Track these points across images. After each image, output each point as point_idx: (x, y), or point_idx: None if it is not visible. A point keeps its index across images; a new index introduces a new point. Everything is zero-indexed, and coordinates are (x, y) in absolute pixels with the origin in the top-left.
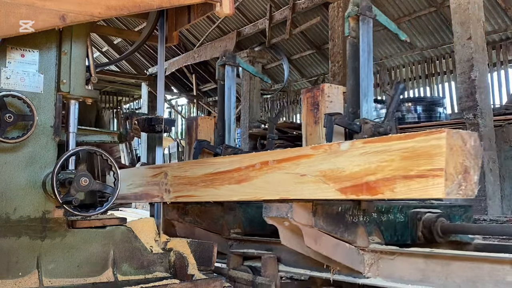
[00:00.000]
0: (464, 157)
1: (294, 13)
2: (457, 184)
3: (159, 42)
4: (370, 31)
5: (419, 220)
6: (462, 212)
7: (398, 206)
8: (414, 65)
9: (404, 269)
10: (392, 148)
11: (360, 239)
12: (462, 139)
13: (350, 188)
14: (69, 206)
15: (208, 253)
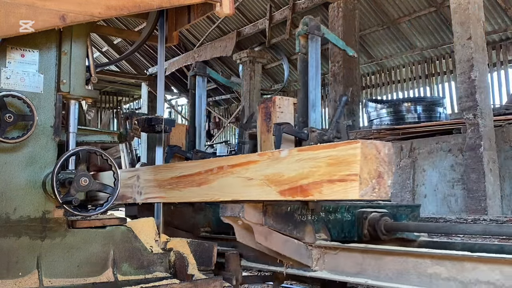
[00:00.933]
0: (378, 164)
1: (294, 13)
2: (371, 187)
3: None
4: (318, 48)
5: (365, 219)
6: (409, 212)
7: (345, 206)
8: (414, 65)
9: (345, 262)
10: (319, 156)
11: (308, 236)
12: (376, 149)
13: (288, 191)
14: (69, 206)
15: (208, 253)
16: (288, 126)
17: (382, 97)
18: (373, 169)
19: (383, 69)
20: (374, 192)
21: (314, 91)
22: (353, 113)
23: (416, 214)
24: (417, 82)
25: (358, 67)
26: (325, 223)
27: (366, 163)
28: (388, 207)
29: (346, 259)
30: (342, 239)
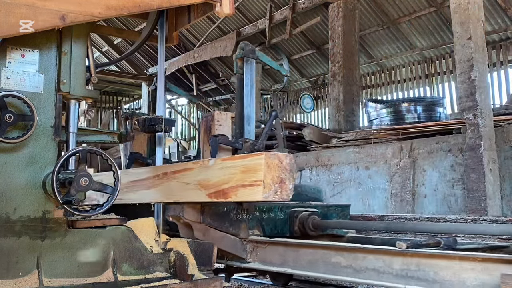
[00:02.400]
0: (280, 172)
1: (294, 13)
2: (273, 191)
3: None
4: (253, 69)
5: (296, 218)
6: (339, 211)
7: (278, 206)
8: (414, 65)
9: (272, 255)
10: (236, 165)
11: (242, 232)
12: (278, 159)
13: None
14: (69, 206)
15: (208, 253)
16: (223, 138)
17: (382, 97)
18: (275, 176)
19: (383, 69)
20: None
21: (249, 107)
22: (353, 113)
23: (346, 213)
24: (417, 82)
25: (358, 67)
26: (259, 221)
27: (269, 171)
28: (319, 207)
29: (272, 252)
30: (275, 235)
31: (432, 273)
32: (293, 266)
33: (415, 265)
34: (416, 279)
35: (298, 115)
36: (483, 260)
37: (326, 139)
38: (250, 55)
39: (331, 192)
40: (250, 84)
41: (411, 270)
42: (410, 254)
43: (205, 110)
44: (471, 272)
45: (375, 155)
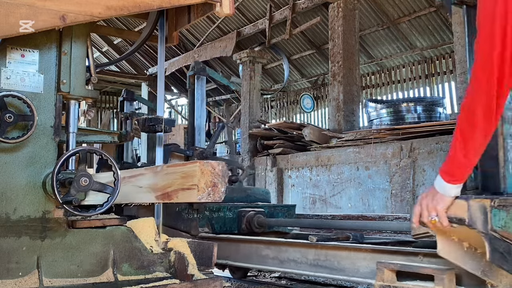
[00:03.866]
0: (213, 177)
1: (294, 13)
2: (207, 193)
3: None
4: (203, 85)
5: (243, 216)
6: (286, 211)
7: (227, 206)
8: (414, 65)
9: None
10: (177, 171)
11: (193, 230)
12: (212, 166)
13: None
14: (69, 206)
15: (208, 253)
16: (175, 146)
17: (382, 97)
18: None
19: (383, 69)
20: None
21: (200, 118)
22: (353, 113)
23: (292, 212)
24: (417, 82)
25: (358, 67)
26: (209, 220)
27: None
28: (266, 207)
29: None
30: (224, 232)
31: (336, 263)
32: (233, 259)
33: (323, 256)
34: (325, 267)
35: (298, 115)
36: (371, 251)
37: (326, 139)
38: (201, 73)
39: (331, 192)
40: (200, 98)
41: (321, 260)
42: (320, 247)
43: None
44: (363, 261)
45: (375, 155)
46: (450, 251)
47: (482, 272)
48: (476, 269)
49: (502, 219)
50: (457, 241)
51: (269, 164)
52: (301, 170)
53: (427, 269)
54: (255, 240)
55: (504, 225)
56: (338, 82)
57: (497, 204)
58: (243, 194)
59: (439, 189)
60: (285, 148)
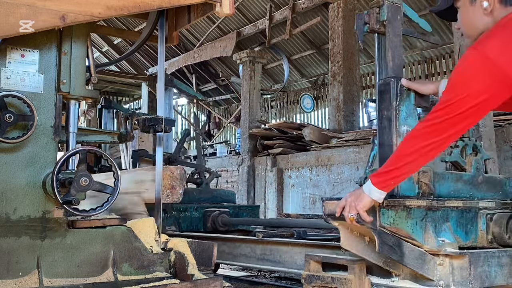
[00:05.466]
0: (171, 180)
1: (294, 13)
2: (166, 195)
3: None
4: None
5: (209, 216)
6: (250, 211)
7: (194, 207)
8: (414, 65)
9: None
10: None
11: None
12: (170, 171)
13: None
14: (69, 206)
15: (208, 253)
16: (143, 151)
17: None
18: (167, 183)
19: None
20: (168, 197)
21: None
22: (353, 113)
23: (256, 212)
24: None
25: (358, 67)
26: (177, 219)
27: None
28: (231, 207)
29: None
30: (191, 230)
31: (278, 256)
32: None
33: (269, 250)
34: (270, 261)
35: (298, 115)
36: (305, 246)
37: (326, 139)
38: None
39: (331, 192)
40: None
41: (267, 254)
42: (265, 242)
43: (205, 110)
44: (300, 254)
45: None
46: (353, 244)
47: (384, 263)
48: (378, 260)
49: (390, 217)
50: (358, 235)
51: (269, 164)
52: (301, 170)
53: (342, 260)
54: (214, 237)
55: (392, 222)
56: (338, 82)
57: (385, 204)
58: (209, 195)
59: (365, 189)
60: (285, 148)
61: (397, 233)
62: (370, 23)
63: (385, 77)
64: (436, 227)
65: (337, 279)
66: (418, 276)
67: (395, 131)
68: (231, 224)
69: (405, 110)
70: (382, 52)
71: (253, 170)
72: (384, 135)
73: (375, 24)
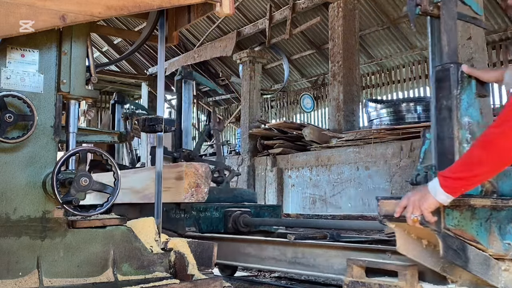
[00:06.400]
0: (196, 178)
1: (294, 13)
2: (190, 194)
3: (159, 42)
4: (190, 89)
5: (230, 216)
6: (271, 211)
7: (214, 206)
8: (414, 65)
9: None
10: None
11: (180, 229)
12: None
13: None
14: (69, 206)
15: (208, 253)
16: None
17: (382, 97)
18: (192, 181)
19: (383, 69)
20: (193, 197)
21: (187, 121)
22: (353, 113)
23: (277, 212)
24: (417, 82)
25: (358, 67)
26: (196, 219)
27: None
28: (252, 207)
29: None
30: (211, 231)
31: (312, 260)
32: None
33: (301, 253)
34: (302, 264)
35: (298, 115)
36: (344, 249)
37: (326, 139)
38: (188, 77)
39: (331, 192)
40: (188, 102)
41: (298, 258)
42: (297, 245)
43: (205, 110)
44: (337, 258)
45: (375, 155)
46: (409, 248)
47: (441, 268)
48: (435, 265)
49: (455, 218)
50: (416, 238)
51: (269, 164)
52: (301, 170)
53: (391, 265)
54: (239, 238)
55: (457, 223)
56: (338, 82)
57: (450, 204)
58: (229, 195)
59: (431, 189)
60: (285, 148)
61: (461, 235)
62: (422, 4)
63: (443, 63)
64: (501, 229)
65: (385, 286)
66: (479, 283)
67: (456, 122)
68: (254, 225)
69: (466, 99)
70: (436, 37)
71: (253, 170)
72: (443, 127)
73: (428, 5)
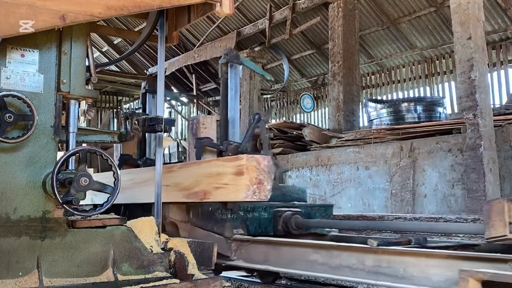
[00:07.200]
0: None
1: (294, 13)
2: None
3: (159, 42)
4: (237, 74)
5: (279, 217)
6: (323, 211)
7: (262, 206)
8: (414, 65)
9: (255, 253)
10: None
11: (227, 231)
12: (257, 161)
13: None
14: (69, 206)
15: (208, 253)
16: (208, 140)
17: (382, 97)
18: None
19: (383, 69)
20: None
21: (233, 110)
22: (353, 113)
23: (329, 213)
24: (417, 82)
25: (358, 67)
26: (244, 220)
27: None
28: (303, 207)
29: (255, 249)
30: (259, 233)
31: (402, 270)
32: (274, 264)
33: (385, 262)
34: (387, 275)
35: (298, 115)
36: (446, 257)
37: (326, 139)
38: (234, 61)
39: (331, 192)
40: (234, 88)
41: (382, 267)
42: (381, 252)
43: (205, 110)
44: (436, 268)
45: (375, 155)
46: None
47: None
48: None
49: None
50: None
51: None
52: (301, 170)
53: None
54: (301, 243)
55: None
56: (338, 82)
57: None
58: (278, 193)
59: None
60: (285, 148)
61: None
62: None
63: None
64: None
65: None
66: None
67: None
68: (308, 227)
69: None
70: None
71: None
72: None
73: None
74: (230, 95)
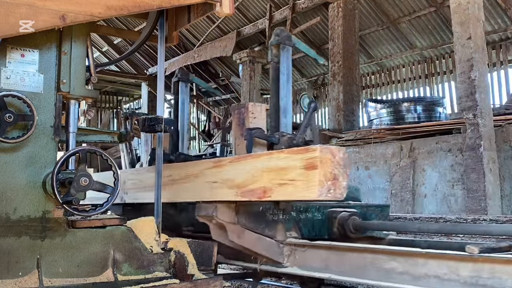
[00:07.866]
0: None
1: (294, 13)
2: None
3: (159, 42)
4: (289, 57)
5: (335, 218)
6: (379, 211)
7: (316, 206)
8: (414, 65)
9: (312, 259)
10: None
11: (279, 234)
12: (331, 153)
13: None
14: (69, 206)
15: (208, 253)
16: (259, 131)
17: (382, 97)
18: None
19: (383, 69)
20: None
21: (285, 98)
22: (353, 113)
23: (385, 213)
24: (417, 82)
25: (358, 67)
26: (296, 222)
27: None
28: (358, 207)
29: (313, 255)
30: (313, 237)
31: (510, 282)
32: (337, 272)
33: (487, 272)
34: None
35: (298, 115)
36: None
37: (326, 139)
38: (286, 42)
39: None
40: (286, 73)
41: (483, 278)
42: (481, 260)
43: (205, 110)
44: None
45: (375, 155)
46: None
47: None
48: None
49: None
50: None
51: None
52: None
53: None
54: (371, 249)
55: None
56: (338, 82)
57: None
58: None
59: None
60: None
61: None
62: None
63: None
64: None
65: None
66: None
67: None
68: (366, 230)
69: None
70: None
71: None
72: None
73: None
74: (282, 80)
